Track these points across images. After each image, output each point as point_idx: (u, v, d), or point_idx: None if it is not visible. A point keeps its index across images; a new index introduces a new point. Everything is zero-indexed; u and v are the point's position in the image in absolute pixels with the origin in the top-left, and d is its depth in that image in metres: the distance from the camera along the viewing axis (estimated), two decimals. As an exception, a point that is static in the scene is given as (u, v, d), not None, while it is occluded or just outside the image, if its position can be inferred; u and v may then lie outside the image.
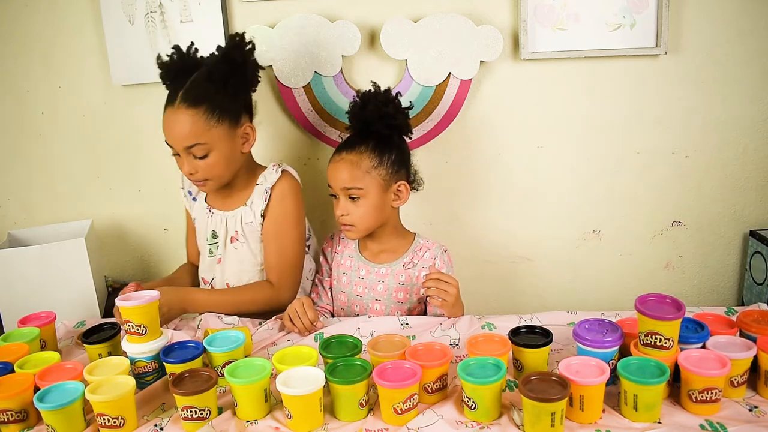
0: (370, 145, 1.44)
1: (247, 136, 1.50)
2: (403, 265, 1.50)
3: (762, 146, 1.81)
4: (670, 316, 1.00)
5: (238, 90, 1.47)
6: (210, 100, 1.40)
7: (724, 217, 1.87)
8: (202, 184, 1.49)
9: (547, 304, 1.94)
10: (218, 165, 1.44)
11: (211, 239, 1.57)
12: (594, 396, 0.96)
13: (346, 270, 1.55)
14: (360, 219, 1.45)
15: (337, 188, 1.45)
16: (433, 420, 0.99)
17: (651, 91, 1.78)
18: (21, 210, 2.04)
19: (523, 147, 1.85)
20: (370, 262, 1.53)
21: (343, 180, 1.43)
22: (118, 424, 0.99)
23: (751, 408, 0.99)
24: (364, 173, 1.42)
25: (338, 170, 1.44)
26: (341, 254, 1.58)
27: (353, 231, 1.47)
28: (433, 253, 1.51)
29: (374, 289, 1.51)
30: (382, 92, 1.49)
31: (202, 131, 1.39)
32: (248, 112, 1.53)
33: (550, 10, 1.71)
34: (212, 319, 1.39)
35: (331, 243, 1.61)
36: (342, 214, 1.45)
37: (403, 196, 1.49)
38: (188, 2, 1.77)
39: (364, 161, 1.43)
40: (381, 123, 1.45)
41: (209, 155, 1.43)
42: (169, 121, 1.41)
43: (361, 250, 1.56)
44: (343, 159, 1.44)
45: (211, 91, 1.41)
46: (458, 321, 1.34)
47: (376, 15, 1.76)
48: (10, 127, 1.97)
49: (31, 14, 1.86)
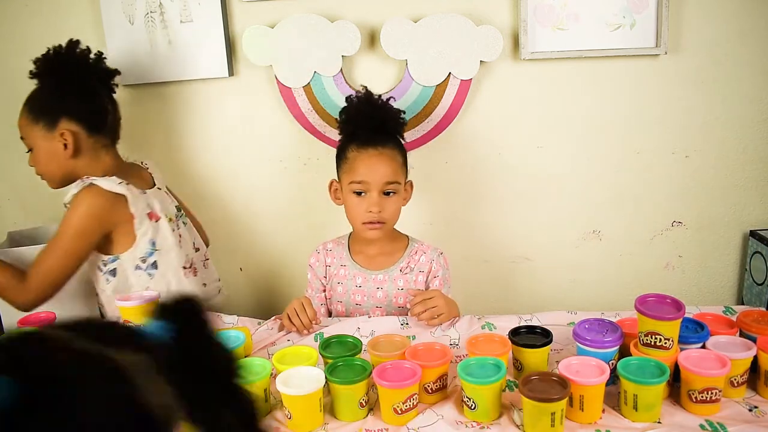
0: (394, 141, 1.47)
1: (66, 142, 1.49)
2: (400, 270, 1.49)
3: (762, 146, 1.80)
4: (670, 316, 1.00)
5: (62, 94, 1.51)
6: (30, 101, 1.52)
7: (724, 217, 1.87)
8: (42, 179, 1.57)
9: (547, 304, 1.94)
10: (39, 162, 1.54)
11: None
12: (594, 396, 0.96)
13: (341, 279, 1.52)
14: (391, 215, 1.44)
15: (378, 183, 1.41)
16: (433, 420, 0.99)
17: (651, 91, 1.78)
18: (20, 210, 2.03)
19: (523, 147, 1.85)
20: (367, 270, 1.50)
21: (386, 174, 1.41)
22: (118, 424, 0.99)
23: (751, 408, 0.99)
24: (399, 167, 1.45)
25: (379, 164, 1.41)
26: (333, 265, 1.54)
27: (381, 229, 1.44)
28: (429, 257, 1.49)
29: (373, 296, 1.48)
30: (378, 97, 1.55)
31: (21, 127, 1.53)
32: (78, 119, 1.51)
33: (550, 10, 1.71)
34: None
35: (318, 257, 1.55)
36: (378, 210, 1.41)
37: (409, 195, 1.52)
38: (188, 2, 1.77)
39: (397, 156, 1.45)
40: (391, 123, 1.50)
41: (32, 152, 1.54)
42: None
43: (354, 258, 1.52)
44: (381, 153, 1.42)
45: (36, 92, 1.53)
46: (458, 321, 1.34)
47: (376, 15, 1.76)
48: (10, 127, 1.97)
49: (32, 15, 1.86)
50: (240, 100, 1.87)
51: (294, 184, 1.92)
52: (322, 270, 1.54)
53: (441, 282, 1.48)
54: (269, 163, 1.91)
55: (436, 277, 1.49)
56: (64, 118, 1.50)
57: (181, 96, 1.89)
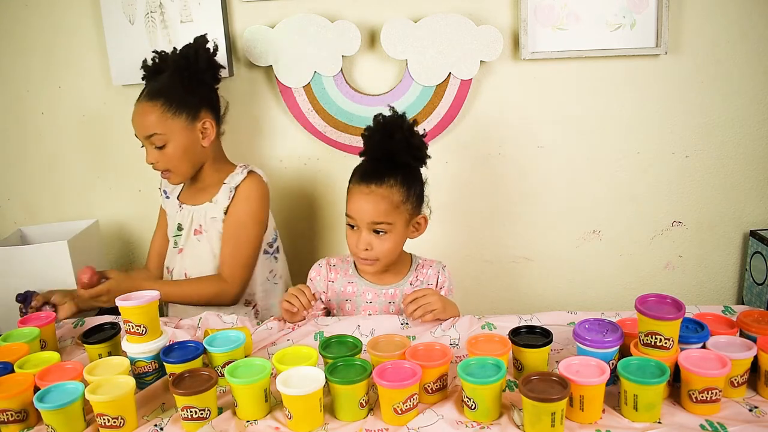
0: (398, 178, 1.36)
1: (206, 131, 1.57)
2: (410, 284, 1.46)
3: (762, 146, 1.81)
4: (670, 316, 1.00)
5: (197, 86, 1.57)
6: (167, 94, 1.52)
7: (724, 217, 1.87)
8: (165, 174, 1.59)
9: (547, 304, 1.94)
10: (176, 156, 1.54)
11: (176, 231, 1.65)
12: (594, 396, 0.96)
13: (349, 297, 1.47)
14: (383, 253, 1.37)
15: (363, 221, 1.35)
16: (433, 420, 0.99)
17: (651, 91, 1.78)
18: (21, 210, 2.04)
19: (523, 147, 1.85)
20: (376, 285, 1.46)
21: (373, 215, 1.34)
22: (118, 424, 0.99)
23: (751, 408, 0.99)
24: (393, 208, 1.35)
25: (368, 203, 1.35)
26: (337, 282, 1.48)
27: (375, 265, 1.40)
28: (435, 269, 1.48)
29: (386, 311, 1.46)
30: (406, 121, 1.40)
31: (158, 122, 1.51)
32: (211, 109, 1.59)
33: (550, 10, 1.71)
34: (212, 318, 1.39)
35: (320, 271, 1.50)
36: (365, 249, 1.37)
37: (422, 229, 1.43)
38: (188, 2, 1.77)
39: (394, 195, 1.35)
40: (408, 154, 1.38)
41: (167, 146, 1.53)
42: (134, 113, 1.55)
43: (361, 274, 1.47)
44: (373, 192, 1.35)
45: (168, 86, 1.54)
46: (458, 321, 1.34)
47: (376, 15, 1.76)
48: (10, 127, 1.97)
49: (31, 14, 1.86)
50: (240, 100, 1.87)
51: (294, 184, 1.92)
52: (322, 284, 1.49)
53: (447, 292, 1.47)
54: (269, 163, 1.91)
55: (442, 288, 1.48)
56: (204, 109, 1.56)
57: (181, 96, 1.89)
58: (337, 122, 1.82)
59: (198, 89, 1.57)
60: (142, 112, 1.53)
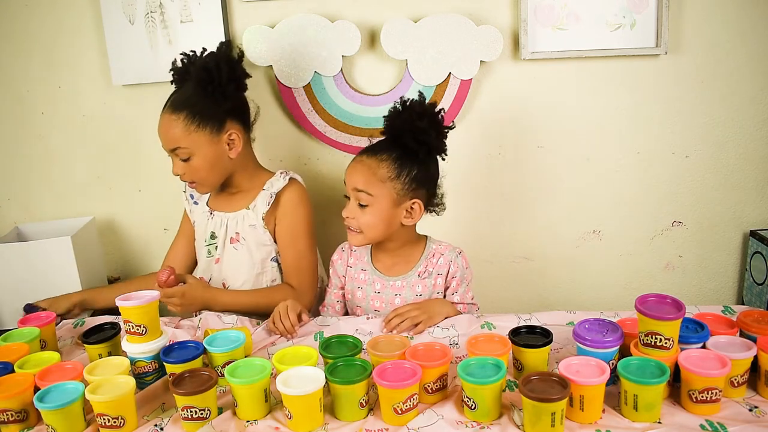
0: (393, 155, 1.38)
1: (233, 142, 1.52)
2: (418, 275, 1.46)
3: (762, 146, 1.80)
4: (670, 316, 1.00)
5: (222, 97, 1.49)
6: (191, 106, 1.47)
7: (724, 217, 1.87)
8: (192, 185, 1.56)
9: (547, 304, 1.94)
10: (202, 168, 1.50)
11: (210, 240, 1.60)
12: (594, 396, 0.96)
13: (361, 284, 1.50)
14: (366, 226, 1.39)
15: (349, 188, 1.41)
16: (433, 420, 0.99)
17: (651, 91, 1.78)
18: (21, 210, 2.03)
19: (523, 147, 1.85)
20: (385, 276, 1.48)
21: (356, 182, 1.39)
22: (118, 424, 0.99)
23: (751, 408, 0.99)
24: (378, 181, 1.37)
25: (354, 171, 1.40)
26: (354, 267, 1.51)
27: (358, 237, 1.42)
28: (448, 258, 1.46)
29: (392, 303, 1.46)
30: (422, 104, 1.40)
31: (182, 136, 1.46)
32: (238, 118, 1.54)
33: (550, 10, 1.71)
34: (212, 318, 1.39)
35: (342, 255, 1.54)
36: (347, 216, 1.41)
37: (416, 215, 1.42)
38: (188, 2, 1.77)
39: (381, 169, 1.38)
40: (410, 135, 1.37)
41: (192, 158, 1.49)
42: (159, 124, 1.50)
43: (374, 263, 1.50)
44: (362, 162, 1.40)
45: (193, 98, 1.48)
46: (458, 321, 1.34)
47: (376, 15, 1.76)
48: (10, 127, 1.97)
49: (31, 14, 1.86)
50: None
51: (294, 184, 1.92)
52: (342, 268, 1.53)
53: (459, 282, 1.46)
54: (269, 163, 1.91)
55: (453, 278, 1.46)
56: (230, 120, 1.52)
57: (181, 96, 1.89)
58: (337, 122, 1.82)
59: (224, 101, 1.50)
60: (166, 124, 1.47)
